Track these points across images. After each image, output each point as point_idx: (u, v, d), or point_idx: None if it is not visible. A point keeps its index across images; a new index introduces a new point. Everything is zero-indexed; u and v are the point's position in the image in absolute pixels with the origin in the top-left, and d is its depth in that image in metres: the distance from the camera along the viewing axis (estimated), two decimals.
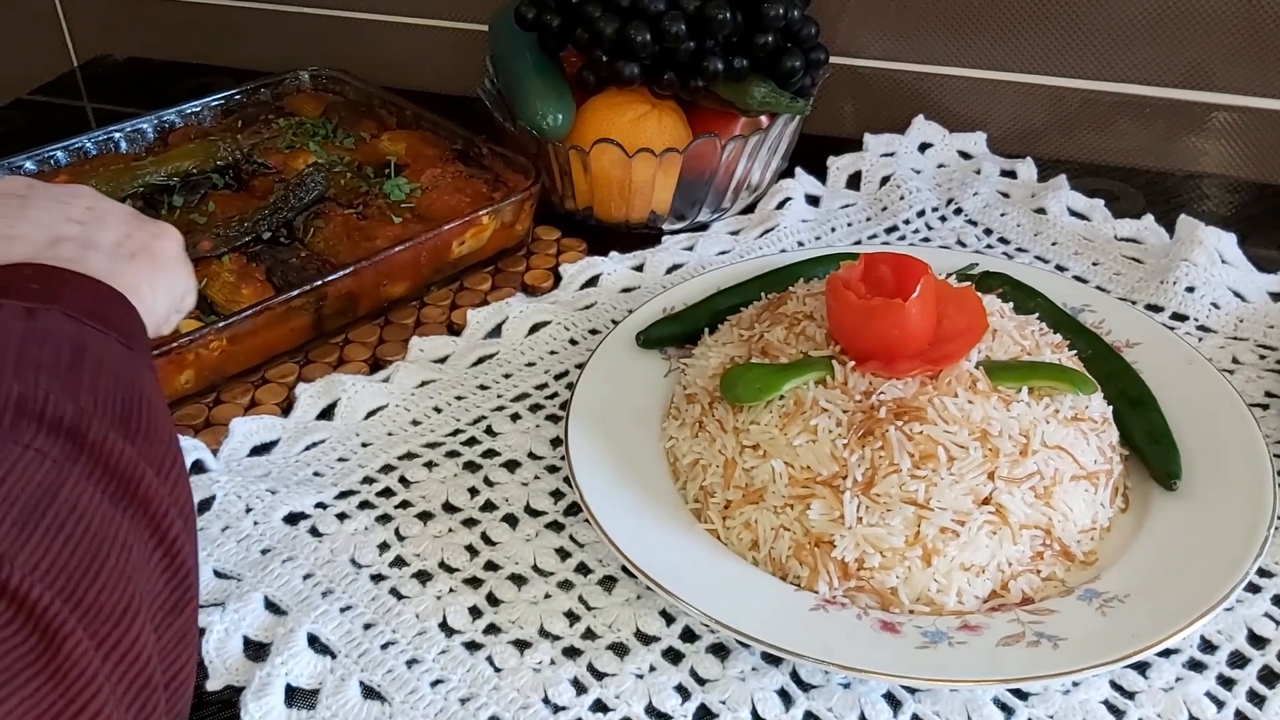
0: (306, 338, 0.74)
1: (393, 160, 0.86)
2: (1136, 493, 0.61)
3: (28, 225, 0.51)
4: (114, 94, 1.17)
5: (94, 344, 0.44)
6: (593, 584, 0.58)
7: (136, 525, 0.39)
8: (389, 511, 0.63)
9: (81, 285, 0.48)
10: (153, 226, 0.56)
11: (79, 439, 0.39)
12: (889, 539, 0.54)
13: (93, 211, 0.55)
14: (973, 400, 0.57)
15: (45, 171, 0.85)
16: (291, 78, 0.98)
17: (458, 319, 0.78)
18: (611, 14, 0.79)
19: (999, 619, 0.54)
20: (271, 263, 0.75)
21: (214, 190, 0.83)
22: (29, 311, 0.44)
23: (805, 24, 0.81)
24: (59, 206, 0.54)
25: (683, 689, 0.53)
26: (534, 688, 0.53)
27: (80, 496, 0.37)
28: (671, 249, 0.85)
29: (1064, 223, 0.86)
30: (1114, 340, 0.70)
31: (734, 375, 0.60)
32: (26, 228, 0.51)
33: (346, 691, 0.52)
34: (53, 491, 0.37)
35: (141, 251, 0.54)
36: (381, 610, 0.57)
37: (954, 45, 0.96)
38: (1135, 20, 0.91)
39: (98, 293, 0.48)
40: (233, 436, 0.67)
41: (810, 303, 0.66)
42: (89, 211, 0.54)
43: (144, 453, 0.41)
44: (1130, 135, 0.96)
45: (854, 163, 0.94)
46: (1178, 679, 0.53)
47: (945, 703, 0.52)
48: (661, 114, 0.83)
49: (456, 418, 0.69)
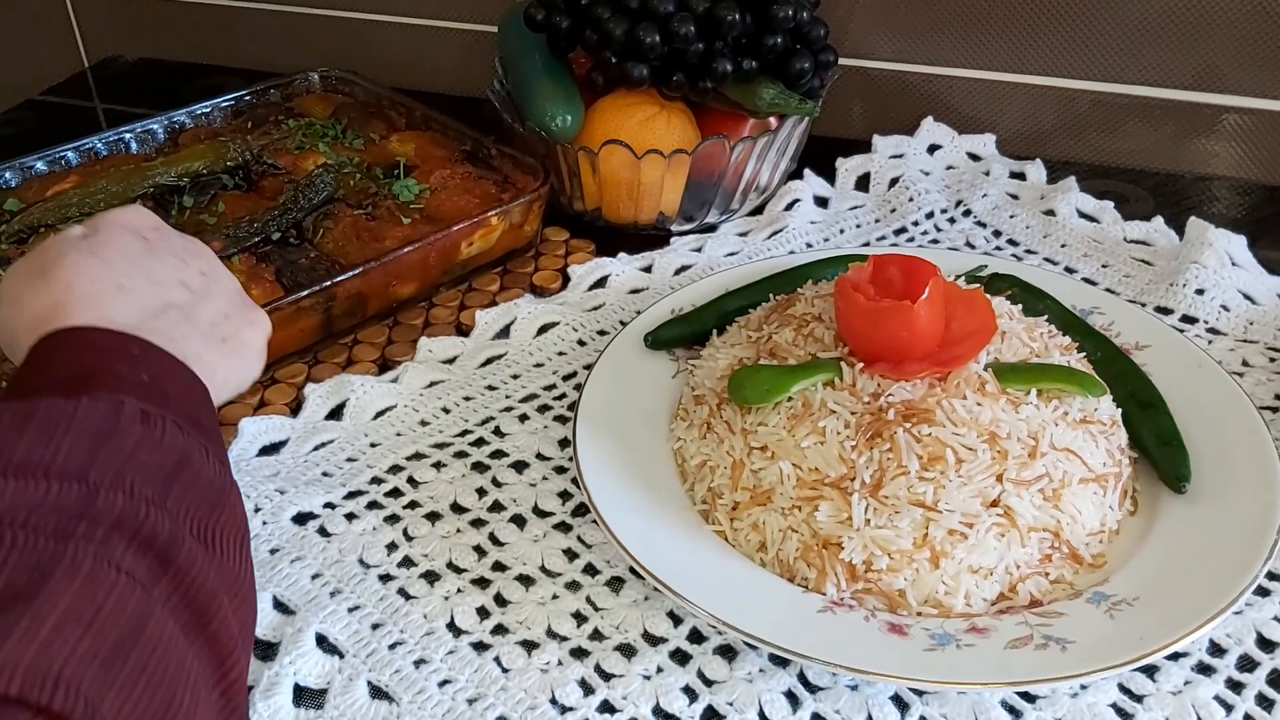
0: (315, 338, 0.74)
1: (402, 161, 0.86)
2: (1145, 496, 0.61)
3: (142, 280, 0.52)
4: (124, 95, 1.17)
5: (196, 458, 0.45)
6: (600, 585, 0.58)
7: (205, 665, 0.39)
8: (397, 512, 0.63)
9: (184, 383, 0.49)
10: (250, 313, 0.57)
11: (167, 563, 0.40)
12: (897, 541, 0.54)
13: (205, 278, 0.55)
14: (981, 402, 0.57)
15: (56, 172, 0.85)
16: (301, 79, 0.98)
17: (466, 320, 0.78)
18: (620, 15, 0.79)
19: (1007, 621, 0.53)
20: (281, 263, 0.75)
21: (224, 191, 0.83)
22: (145, 416, 0.44)
23: (814, 25, 0.81)
24: (177, 265, 0.54)
25: (690, 690, 0.53)
26: (541, 688, 0.53)
27: (162, 633, 0.38)
28: (680, 250, 0.85)
29: (1073, 225, 0.86)
30: (1123, 343, 0.70)
31: (742, 377, 0.60)
32: (141, 282, 0.52)
33: (354, 691, 0.52)
34: (140, 626, 0.37)
35: (232, 338, 0.54)
36: (389, 610, 0.57)
37: (963, 47, 0.96)
38: (1145, 22, 0.91)
39: (195, 393, 0.49)
40: (242, 436, 0.67)
41: (819, 304, 0.66)
42: (202, 278, 0.55)
43: (222, 575, 0.42)
44: (1140, 137, 0.96)
45: (863, 164, 0.94)
46: (1186, 682, 0.53)
47: (953, 705, 0.52)
48: (670, 115, 0.83)
49: (465, 418, 0.69)
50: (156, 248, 0.55)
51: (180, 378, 0.49)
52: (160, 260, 0.54)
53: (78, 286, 0.49)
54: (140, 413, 0.44)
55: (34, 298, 0.50)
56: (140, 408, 0.44)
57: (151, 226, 0.57)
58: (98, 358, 0.46)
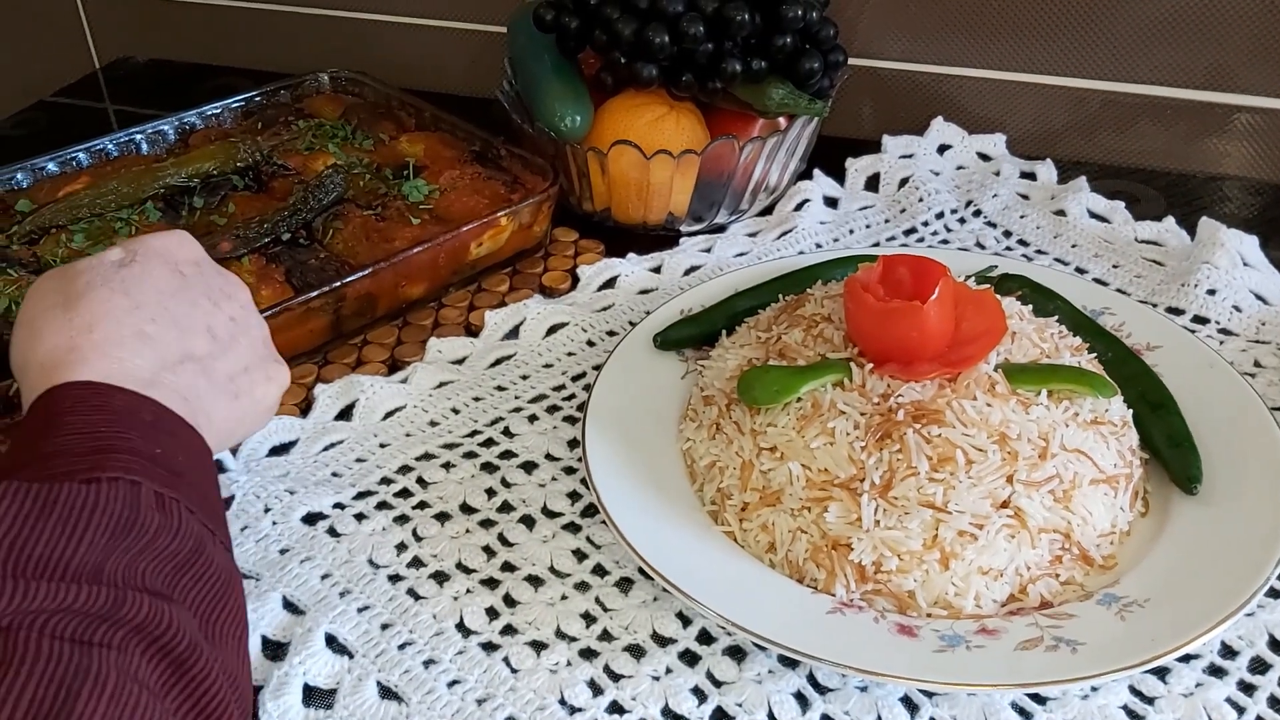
0: (325, 338, 0.75)
1: (411, 162, 0.86)
2: (1156, 497, 0.61)
3: (168, 325, 0.51)
4: (135, 96, 1.17)
5: (208, 546, 0.45)
6: (609, 586, 0.58)
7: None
8: (406, 512, 0.63)
9: (193, 453, 0.48)
10: (270, 367, 0.56)
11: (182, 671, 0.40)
12: (907, 542, 0.54)
13: (234, 325, 0.55)
14: (991, 403, 0.56)
15: (68, 173, 0.85)
16: (311, 80, 0.98)
17: (475, 320, 0.78)
18: (630, 16, 0.79)
19: (1017, 623, 0.53)
20: (291, 264, 0.75)
21: (234, 192, 0.84)
22: (161, 501, 0.44)
23: (824, 25, 0.81)
24: (208, 309, 0.54)
25: (699, 691, 0.53)
26: (550, 689, 0.53)
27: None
28: (689, 251, 0.85)
29: (1084, 225, 0.85)
30: (1134, 343, 0.69)
31: (752, 377, 0.60)
32: (165, 328, 0.51)
33: (364, 691, 0.53)
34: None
35: (246, 394, 0.54)
36: (399, 611, 0.57)
37: (973, 46, 0.96)
38: (1156, 21, 0.90)
39: (204, 465, 0.49)
40: (252, 436, 0.67)
41: (828, 305, 0.66)
42: (230, 325, 0.55)
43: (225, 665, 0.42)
44: (1151, 137, 0.95)
45: (872, 164, 0.94)
46: (1198, 684, 0.53)
47: (963, 707, 0.52)
48: (679, 115, 0.83)
49: (474, 419, 0.69)
50: (192, 286, 0.54)
51: (190, 446, 0.48)
52: (192, 304, 0.53)
53: (99, 330, 0.49)
54: (156, 497, 0.44)
55: (53, 333, 0.49)
56: (156, 491, 0.44)
57: (191, 261, 0.56)
58: (112, 423, 0.46)
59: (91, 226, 0.79)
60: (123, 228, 0.79)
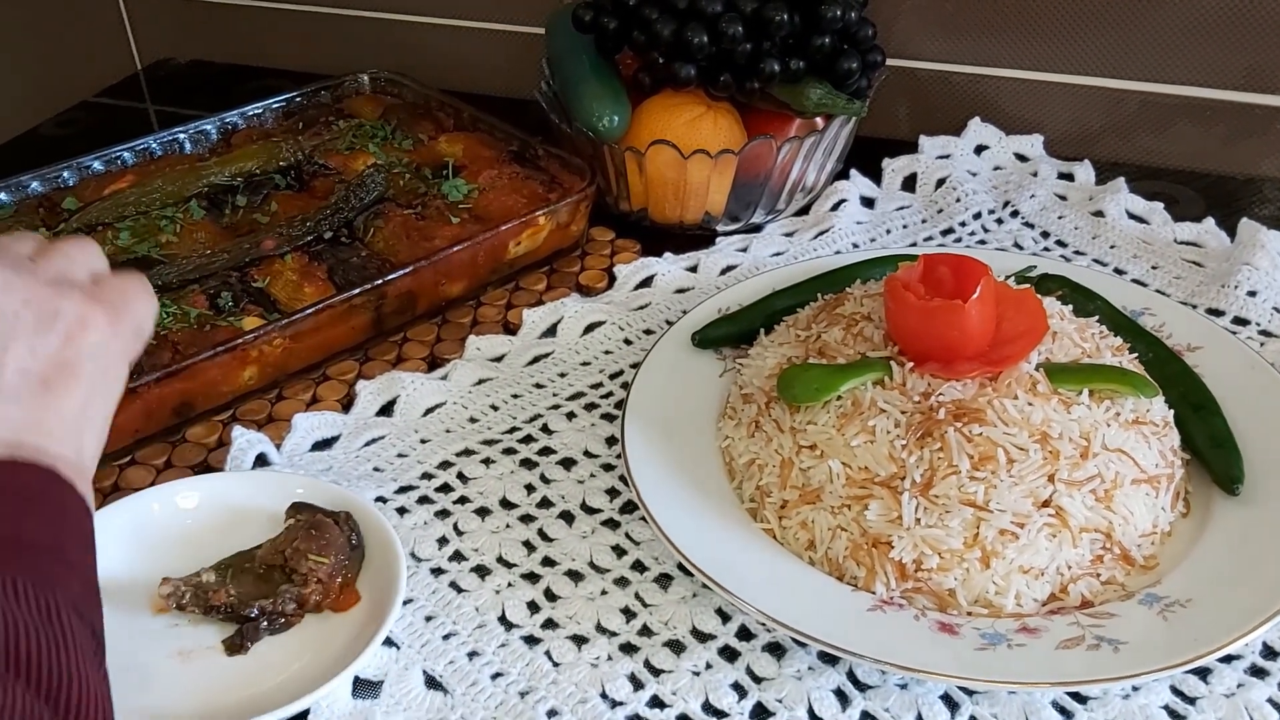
0: (366, 336, 0.75)
1: (450, 161, 0.87)
2: (1198, 497, 0.61)
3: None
4: (176, 96, 1.19)
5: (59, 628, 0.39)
6: (649, 581, 0.59)
7: None
8: (447, 507, 0.63)
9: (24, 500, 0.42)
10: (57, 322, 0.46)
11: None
12: (947, 540, 0.54)
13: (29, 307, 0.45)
14: (1033, 402, 0.56)
15: (113, 172, 0.87)
16: (351, 80, 0.99)
17: (513, 318, 0.79)
18: (669, 16, 0.80)
19: (1058, 622, 0.53)
20: (333, 262, 0.76)
21: (276, 191, 0.85)
22: None
23: (862, 25, 0.81)
24: None
25: (739, 686, 0.53)
26: (592, 682, 0.53)
27: None
28: (726, 250, 0.85)
29: (1123, 226, 0.85)
30: (1175, 344, 0.69)
31: (792, 375, 0.61)
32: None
33: (409, 680, 0.53)
34: None
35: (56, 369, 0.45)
36: (442, 603, 0.57)
37: (1011, 47, 0.96)
38: (1195, 21, 0.90)
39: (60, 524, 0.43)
40: (295, 431, 0.68)
41: (868, 304, 0.66)
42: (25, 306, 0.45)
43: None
44: (1190, 138, 0.95)
45: (909, 165, 0.94)
46: (1239, 685, 0.52)
47: (1003, 705, 0.52)
48: (717, 115, 0.84)
49: (513, 415, 0.70)
50: None
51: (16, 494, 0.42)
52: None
53: None
54: None
55: None
56: None
57: None
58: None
59: (136, 224, 0.80)
60: (167, 225, 0.80)
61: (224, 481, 0.63)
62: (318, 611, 0.56)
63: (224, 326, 0.70)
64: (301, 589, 0.55)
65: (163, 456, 0.68)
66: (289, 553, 0.56)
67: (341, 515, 0.59)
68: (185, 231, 0.79)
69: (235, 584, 0.56)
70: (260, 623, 0.55)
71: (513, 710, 0.52)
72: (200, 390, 0.68)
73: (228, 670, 0.54)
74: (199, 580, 0.56)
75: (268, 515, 0.60)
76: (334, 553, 0.56)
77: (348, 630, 0.55)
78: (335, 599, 0.56)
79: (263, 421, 0.70)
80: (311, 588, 0.55)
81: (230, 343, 0.67)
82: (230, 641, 0.55)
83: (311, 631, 0.56)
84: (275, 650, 0.55)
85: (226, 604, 0.55)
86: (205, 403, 0.69)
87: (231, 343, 0.67)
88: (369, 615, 0.55)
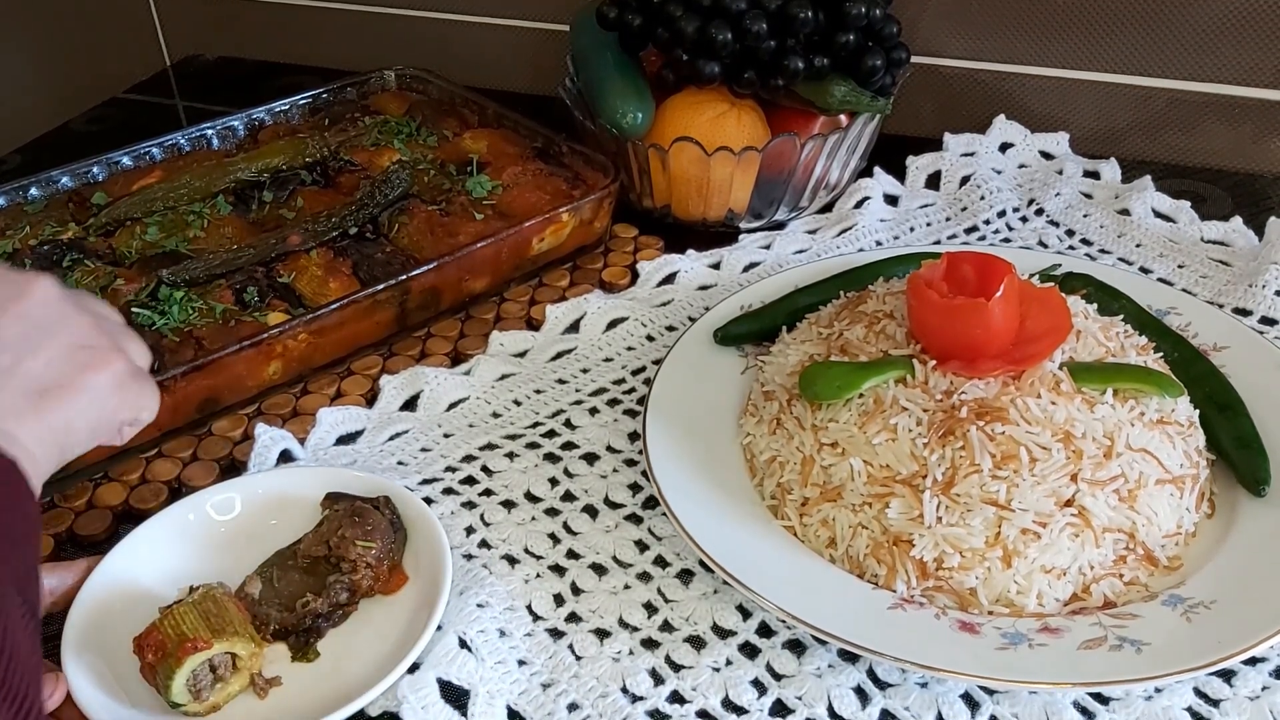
0: (390, 331, 0.76)
1: (475, 158, 0.87)
2: (1223, 498, 0.60)
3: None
4: (204, 93, 1.20)
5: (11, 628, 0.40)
6: (670, 577, 0.59)
7: None
8: (472, 498, 0.64)
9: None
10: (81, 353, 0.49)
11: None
12: (969, 539, 0.54)
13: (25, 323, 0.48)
14: (1056, 401, 0.56)
15: (141, 167, 0.87)
16: (377, 77, 1.00)
17: (536, 314, 0.79)
18: (693, 13, 0.80)
19: (1080, 622, 0.53)
20: (358, 257, 0.77)
21: (302, 186, 0.85)
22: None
23: (887, 23, 0.81)
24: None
25: (759, 683, 0.53)
26: (613, 677, 0.54)
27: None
28: (749, 247, 0.85)
29: (1149, 224, 0.84)
30: (1200, 344, 0.69)
31: (814, 373, 0.61)
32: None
33: (446, 640, 0.53)
34: None
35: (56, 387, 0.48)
36: (474, 579, 0.58)
37: (1036, 44, 0.95)
38: (1223, 19, 0.89)
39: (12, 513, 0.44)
40: (320, 426, 0.68)
41: (890, 302, 0.66)
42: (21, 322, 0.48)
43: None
44: (1218, 136, 0.94)
45: (933, 162, 0.93)
46: (1264, 687, 0.52)
47: (1024, 705, 0.52)
48: (740, 113, 0.84)
49: (536, 410, 0.70)
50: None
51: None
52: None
53: None
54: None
55: None
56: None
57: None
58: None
59: (165, 219, 0.81)
60: (194, 220, 0.81)
61: (253, 482, 0.63)
62: (369, 596, 0.57)
63: (249, 321, 0.71)
64: (352, 576, 0.56)
65: (189, 449, 0.68)
66: (334, 541, 0.57)
67: (380, 499, 0.59)
68: (212, 227, 0.80)
69: (282, 583, 0.57)
70: (321, 625, 0.55)
71: (535, 700, 0.52)
72: (225, 385, 0.69)
73: (297, 672, 0.54)
74: (244, 593, 0.56)
75: (299, 510, 0.61)
76: (380, 536, 0.57)
77: (402, 613, 0.56)
78: (385, 582, 0.57)
79: (287, 416, 0.71)
80: (362, 573, 0.56)
81: (255, 337, 0.68)
82: (295, 648, 0.55)
83: (365, 617, 0.57)
84: (337, 644, 0.55)
85: (280, 625, 0.55)
86: (230, 397, 0.70)
87: (256, 337, 0.68)
88: (422, 596, 0.56)
